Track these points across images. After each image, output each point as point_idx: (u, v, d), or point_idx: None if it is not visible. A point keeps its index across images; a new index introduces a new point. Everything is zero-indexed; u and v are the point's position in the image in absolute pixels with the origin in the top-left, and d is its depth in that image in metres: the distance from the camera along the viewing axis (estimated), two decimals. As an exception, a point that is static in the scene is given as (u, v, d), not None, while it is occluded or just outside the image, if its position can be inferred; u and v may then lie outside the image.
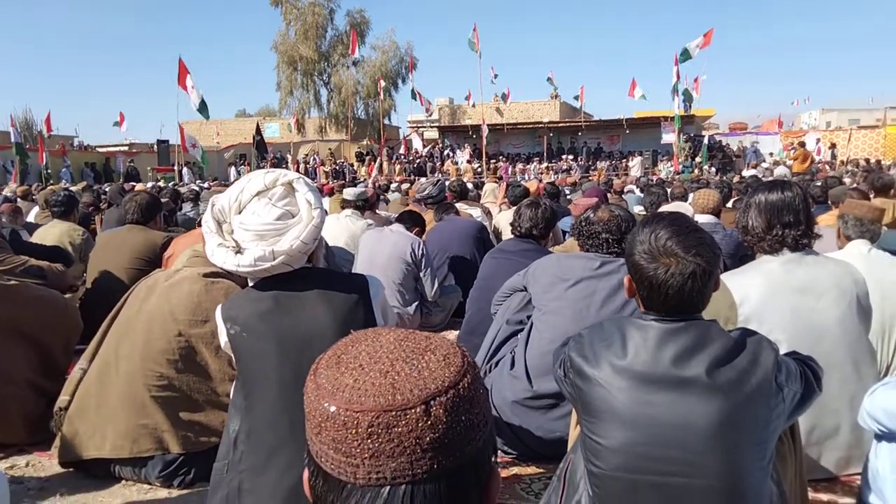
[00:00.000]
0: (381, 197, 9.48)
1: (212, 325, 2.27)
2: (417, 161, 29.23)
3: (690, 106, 23.39)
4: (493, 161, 27.70)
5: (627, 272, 1.64)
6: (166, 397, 2.32)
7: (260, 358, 1.78)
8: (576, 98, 29.79)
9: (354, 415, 0.68)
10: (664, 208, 4.76)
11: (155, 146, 26.66)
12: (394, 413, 0.68)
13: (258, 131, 21.87)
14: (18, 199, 9.06)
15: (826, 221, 3.96)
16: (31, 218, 7.56)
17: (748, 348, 1.54)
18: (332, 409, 0.70)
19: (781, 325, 2.39)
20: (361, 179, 23.08)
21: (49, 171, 20.64)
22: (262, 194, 1.82)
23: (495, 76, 30.25)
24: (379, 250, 4.76)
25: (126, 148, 31.18)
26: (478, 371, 0.78)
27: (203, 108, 17.83)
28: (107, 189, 11.62)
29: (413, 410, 0.68)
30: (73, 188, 10.13)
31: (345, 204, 5.95)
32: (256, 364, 1.79)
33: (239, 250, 1.79)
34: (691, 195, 7.02)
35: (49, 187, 11.19)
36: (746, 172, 17.01)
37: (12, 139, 19.94)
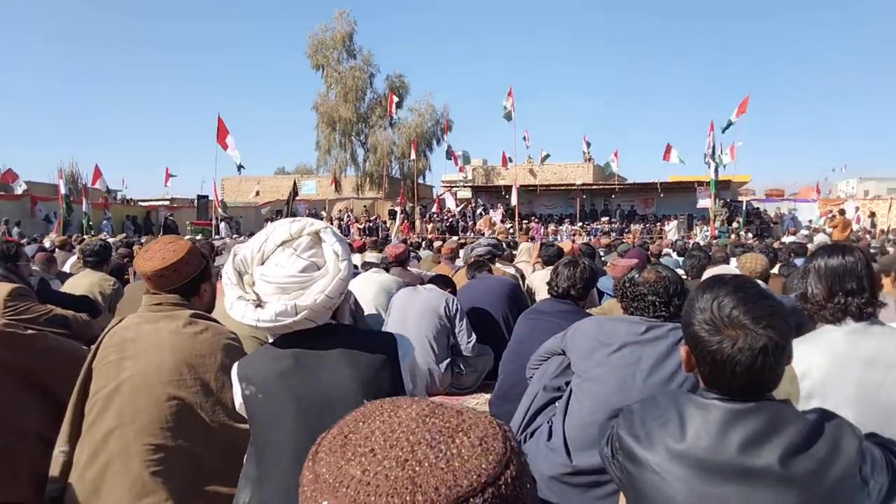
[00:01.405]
0: (413, 254, 9.42)
1: (204, 378, 2.12)
2: (450, 220, 29.36)
3: (720, 170, 23.24)
4: (525, 221, 27.68)
5: (685, 343, 1.45)
6: (166, 470, 2.13)
7: (276, 422, 1.64)
8: (608, 165, 29.84)
9: None
10: (709, 271, 4.56)
11: (195, 201, 27.28)
12: None
13: (294, 190, 22.27)
14: (56, 250, 9.19)
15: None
16: (67, 267, 7.64)
17: (827, 433, 1.33)
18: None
19: (847, 402, 2.18)
20: (396, 236, 23.21)
21: (91, 222, 21.16)
22: (287, 244, 1.71)
23: (528, 144, 30.57)
24: (412, 306, 4.65)
25: (168, 202, 31.98)
26: (524, 460, 0.60)
27: (240, 166, 18.41)
28: (143, 241, 11.77)
29: None
30: (111, 239, 10.28)
31: (365, 267, 5.92)
32: (271, 429, 1.64)
33: (259, 304, 1.67)
34: (733, 260, 6.79)
35: (88, 238, 11.40)
36: (786, 239, 16.65)
37: (62, 191, 20.57)
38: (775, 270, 6.14)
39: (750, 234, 23.05)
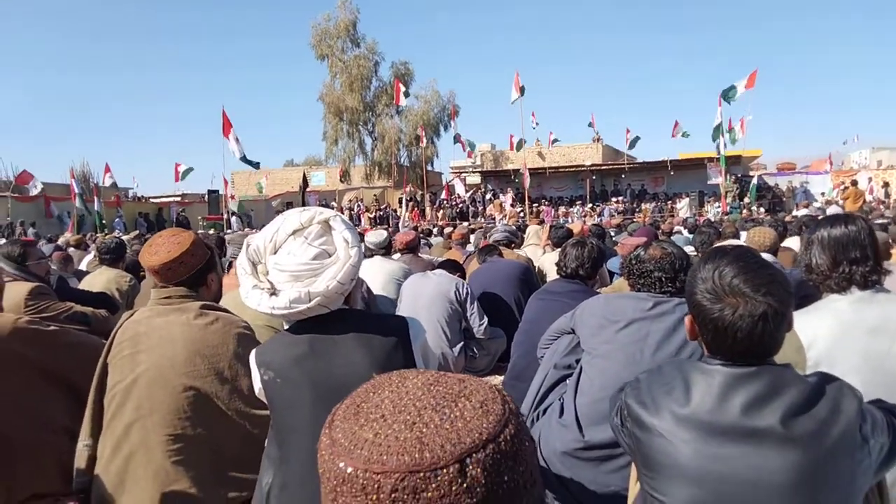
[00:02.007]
0: (424, 241, 9.46)
1: (218, 367, 2.17)
2: (460, 206, 29.36)
3: (732, 145, 23.04)
4: (535, 205, 27.64)
5: (689, 312, 1.49)
6: (188, 459, 2.17)
7: (294, 406, 1.69)
8: (630, 145, 29.66)
9: (375, 477, 0.57)
10: (716, 245, 4.58)
11: (206, 196, 27.45)
12: (422, 475, 0.56)
13: (304, 182, 22.33)
14: (71, 248, 9.31)
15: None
16: (83, 265, 7.75)
17: (828, 395, 1.37)
18: (349, 469, 0.59)
19: (854, 370, 2.20)
20: (405, 224, 23.26)
21: (104, 221, 21.36)
22: (298, 233, 1.76)
23: (536, 124, 30.46)
24: (422, 291, 4.70)
25: (179, 198, 32.19)
26: (522, 420, 0.65)
27: (247, 160, 18.30)
28: (157, 237, 11.87)
29: (445, 471, 0.56)
30: (124, 237, 10.40)
31: (367, 252, 5.92)
32: (290, 413, 1.70)
33: (274, 292, 1.72)
34: (743, 234, 6.78)
35: (102, 235, 11.52)
36: (798, 212, 16.54)
37: (75, 190, 20.77)
38: (786, 243, 6.12)
39: (762, 209, 22.91)
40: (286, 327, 1.83)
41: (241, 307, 2.56)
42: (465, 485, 0.56)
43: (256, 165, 19.16)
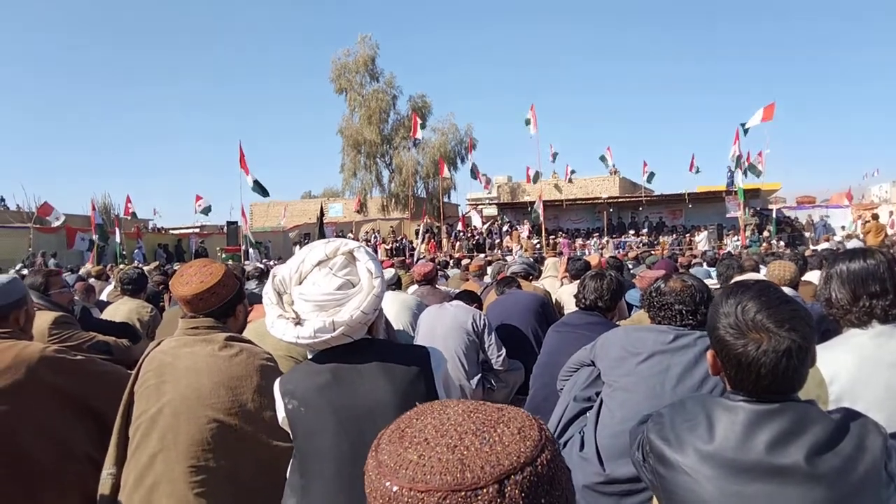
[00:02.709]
0: (441, 273, 9.49)
1: (242, 398, 2.18)
2: (476, 237, 29.43)
3: (756, 179, 22.96)
4: (552, 237, 27.64)
5: (711, 347, 1.49)
6: (210, 491, 2.17)
7: (317, 434, 1.71)
8: (647, 179, 29.68)
9: (419, 495, 0.61)
10: (737, 279, 4.55)
11: (225, 227, 27.75)
12: (463, 493, 0.60)
13: (322, 213, 22.53)
14: (92, 279, 9.44)
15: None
16: (104, 296, 7.85)
17: (852, 432, 1.36)
18: (395, 489, 0.62)
19: (877, 404, 2.17)
20: (421, 256, 23.32)
21: (124, 252, 21.64)
22: (323, 264, 1.80)
23: (554, 155, 30.60)
24: (439, 322, 4.70)
25: (198, 230, 32.57)
26: (558, 447, 0.69)
27: (258, 188, 18.46)
28: (177, 268, 12.01)
29: (485, 491, 0.60)
30: (145, 267, 10.53)
31: None
32: (313, 440, 1.71)
33: (299, 322, 1.75)
34: (763, 268, 6.74)
35: (122, 266, 11.67)
36: (820, 246, 16.39)
37: (95, 221, 21.10)
38: (807, 277, 6.07)
39: (782, 243, 22.73)
40: (310, 356, 1.85)
41: (261, 337, 2.59)
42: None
43: (265, 193, 19.33)
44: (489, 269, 9.18)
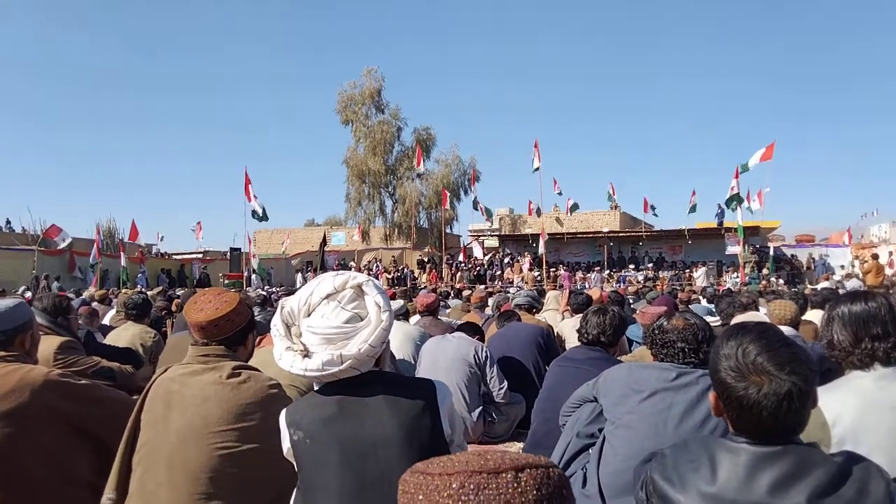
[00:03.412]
0: (442, 303, 9.50)
1: (249, 427, 2.18)
2: (478, 269, 29.46)
3: (747, 216, 23.02)
4: (553, 269, 27.67)
5: (713, 389, 1.51)
6: None
7: (322, 466, 1.72)
8: (652, 213, 29.84)
9: (447, 478, 0.70)
10: (738, 318, 4.57)
11: (227, 254, 27.81)
12: (484, 475, 0.69)
13: (324, 242, 22.59)
14: (95, 303, 9.44)
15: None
16: (107, 320, 7.85)
17: (855, 476, 1.37)
18: (425, 477, 0.73)
19: (879, 448, 2.17)
20: (422, 286, 23.33)
21: (127, 276, 21.67)
22: (332, 297, 1.82)
23: (559, 192, 30.80)
24: (441, 354, 4.71)
25: (201, 255, 32.63)
26: (569, 482, 0.77)
27: (257, 215, 18.48)
28: (179, 293, 12.04)
29: (503, 475, 0.70)
30: (148, 292, 10.55)
31: None
32: (318, 473, 1.72)
33: (307, 354, 1.77)
34: (763, 306, 6.75)
35: (125, 291, 11.69)
36: (820, 285, 16.39)
37: (98, 245, 21.18)
38: (807, 316, 6.09)
39: (781, 280, 22.74)
40: (316, 387, 1.87)
41: (264, 365, 2.60)
42: (518, 489, 0.69)
43: (264, 218, 19.31)
44: (490, 301, 9.19)
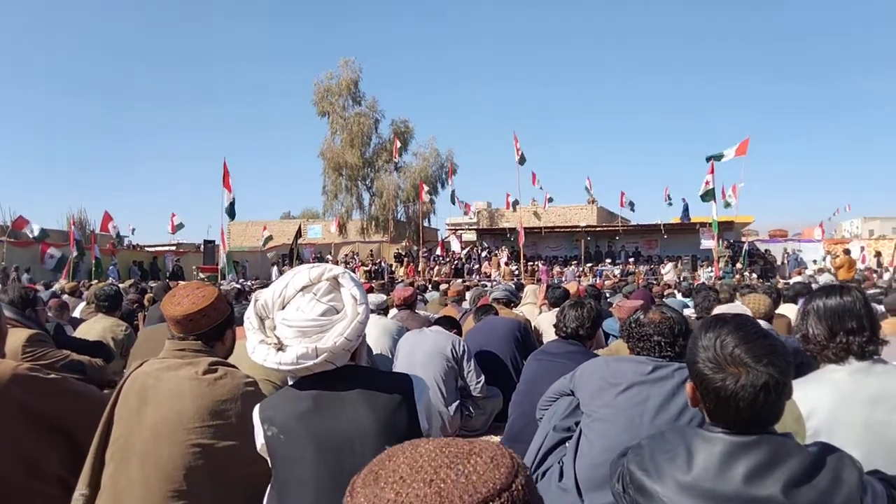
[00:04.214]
0: (420, 297, 9.48)
1: (224, 423, 2.15)
2: (455, 262, 29.47)
3: (729, 210, 23.31)
4: (530, 263, 27.77)
5: (690, 380, 1.52)
6: None
7: (297, 462, 1.69)
8: (630, 208, 30.09)
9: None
10: (718, 309, 4.61)
11: (201, 246, 27.46)
12: None
13: (298, 234, 22.38)
14: (65, 295, 9.27)
15: (885, 329, 3.76)
16: (77, 313, 7.71)
17: (829, 465, 1.39)
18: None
19: (854, 441, 2.20)
20: (399, 279, 23.27)
21: (99, 268, 21.29)
22: (307, 289, 1.79)
23: (540, 187, 30.90)
24: (419, 347, 4.69)
25: (174, 248, 32.20)
26: (530, 474, 0.71)
27: (230, 210, 18.12)
28: (152, 286, 11.87)
29: None
30: (120, 285, 10.37)
31: None
32: (293, 469, 1.69)
33: (281, 347, 1.74)
34: (738, 301, 6.83)
35: (96, 283, 11.48)
36: (793, 279, 16.65)
37: (75, 237, 20.76)
38: (785, 310, 6.17)
39: (754, 275, 23.06)
40: (290, 382, 1.84)
41: (237, 360, 2.56)
42: None
43: (231, 215, 18.82)
44: (468, 295, 9.19)
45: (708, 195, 20.92)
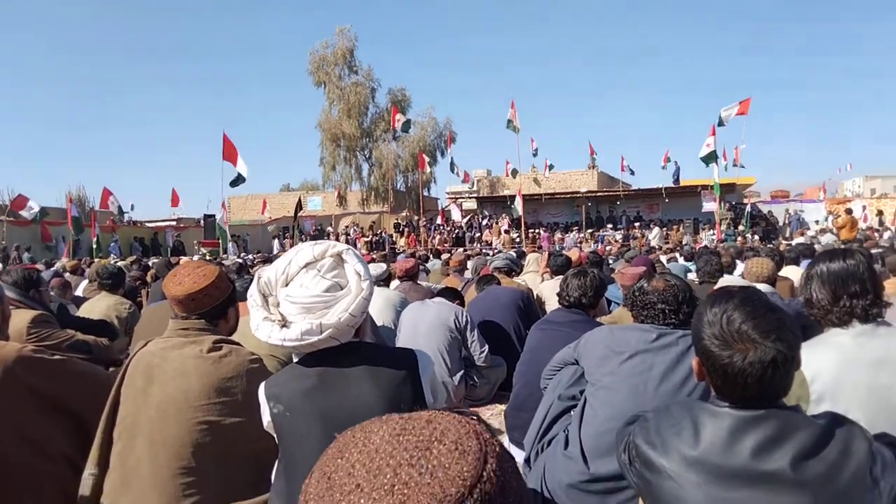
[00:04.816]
0: (422, 267, 9.48)
1: (231, 401, 2.17)
2: (456, 231, 29.44)
3: (734, 172, 23.17)
4: (531, 231, 27.73)
5: (696, 355, 1.50)
6: (199, 493, 2.14)
7: (303, 439, 1.70)
8: (629, 172, 29.91)
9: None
10: (722, 281, 4.61)
11: (202, 221, 27.41)
12: None
13: (299, 206, 22.29)
14: (67, 274, 9.27)
15: (887, 290, 3.75)
16: (80, 291, 7.72)
17: (838, 437, 1.37)
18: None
19: (858, 404, 2.21)
20: (401, 250, 23.28)
21: (99, 246, 21.29)
22: (311, 266, 1.78)
23: (535, 151, 30.68)
24: (422, 319, 4.70)
25: (174, 223, 32.16)
26: (498, 447, 0.64)
27: (242, 178, 17.85)
28: (154, 263, 11.87)
29: None
30: (121, 262, 10.38)
31: None
32: (299, 446, 1.70)
33: (285, 324, 1.74)
34: (740, 264, 6.82)
35: (98, 261, 11.49)
36: (795, 240, 16.64)
37: (72, 214, 20.69)
38: (788, 273, 6.17)
39: (756, 237, 23.03)
40: (295, 359, 1.84)
41: (242, 336, 2.56)
42: None
43: (239, 181, 18.54)
44: (469, 264, 9.20)
45: (710, 157, 20.77)
